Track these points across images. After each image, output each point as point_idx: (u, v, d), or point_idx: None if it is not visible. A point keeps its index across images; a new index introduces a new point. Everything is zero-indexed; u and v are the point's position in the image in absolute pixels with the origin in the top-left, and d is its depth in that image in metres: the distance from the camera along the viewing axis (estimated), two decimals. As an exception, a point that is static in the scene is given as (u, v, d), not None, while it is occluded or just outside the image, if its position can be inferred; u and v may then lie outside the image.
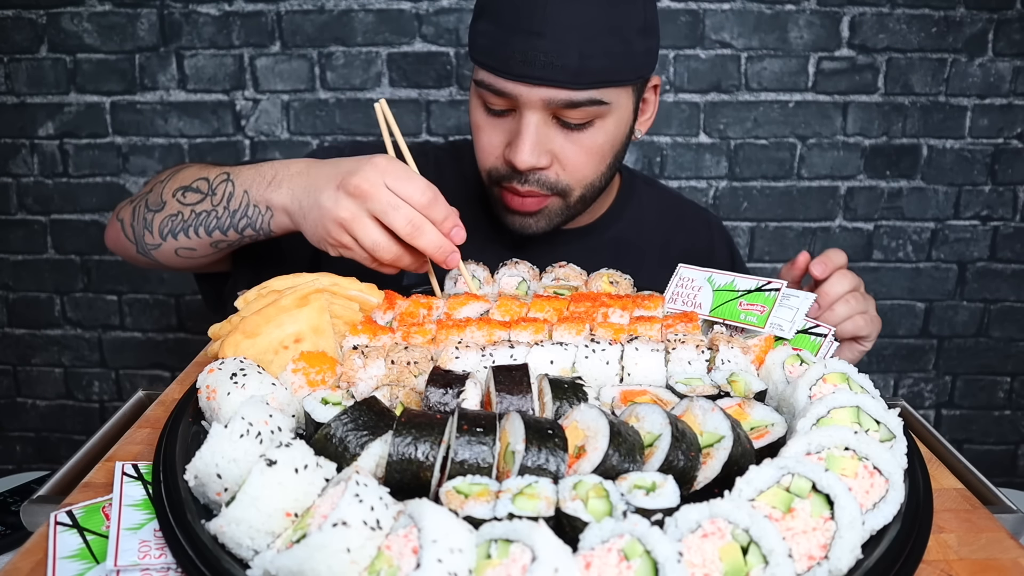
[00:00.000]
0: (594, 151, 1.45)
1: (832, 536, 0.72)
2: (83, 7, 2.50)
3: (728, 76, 2.55)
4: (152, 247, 1.43)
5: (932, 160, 2.62)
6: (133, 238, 1.45)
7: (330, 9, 2.50)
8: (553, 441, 0.79)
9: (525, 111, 1.37)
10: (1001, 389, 2.83)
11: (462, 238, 1.22)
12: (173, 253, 1.42)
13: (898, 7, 2.48)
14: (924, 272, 2.72)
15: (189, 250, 1.41)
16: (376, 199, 1.15)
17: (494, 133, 1.45)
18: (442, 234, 1.19)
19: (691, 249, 1.75)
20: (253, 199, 1.31)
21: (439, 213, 1.19)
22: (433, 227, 1.18)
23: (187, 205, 1.38)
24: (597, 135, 1.43)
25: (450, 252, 1.21)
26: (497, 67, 1.35)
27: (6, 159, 2.64)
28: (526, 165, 1.39)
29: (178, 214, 1.38)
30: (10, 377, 2.86)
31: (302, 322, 1.09)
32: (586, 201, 1.53)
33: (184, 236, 1.38)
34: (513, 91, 1.35)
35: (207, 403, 0.96)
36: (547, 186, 1.45)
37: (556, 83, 1.33)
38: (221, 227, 1.35)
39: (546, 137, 1.40)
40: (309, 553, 0.65)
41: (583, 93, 1.35)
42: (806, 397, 0.94)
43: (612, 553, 0.66)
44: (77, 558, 0.78)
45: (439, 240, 1.19)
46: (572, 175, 1.45)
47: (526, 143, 1.38)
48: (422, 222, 1.17)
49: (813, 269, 1.34)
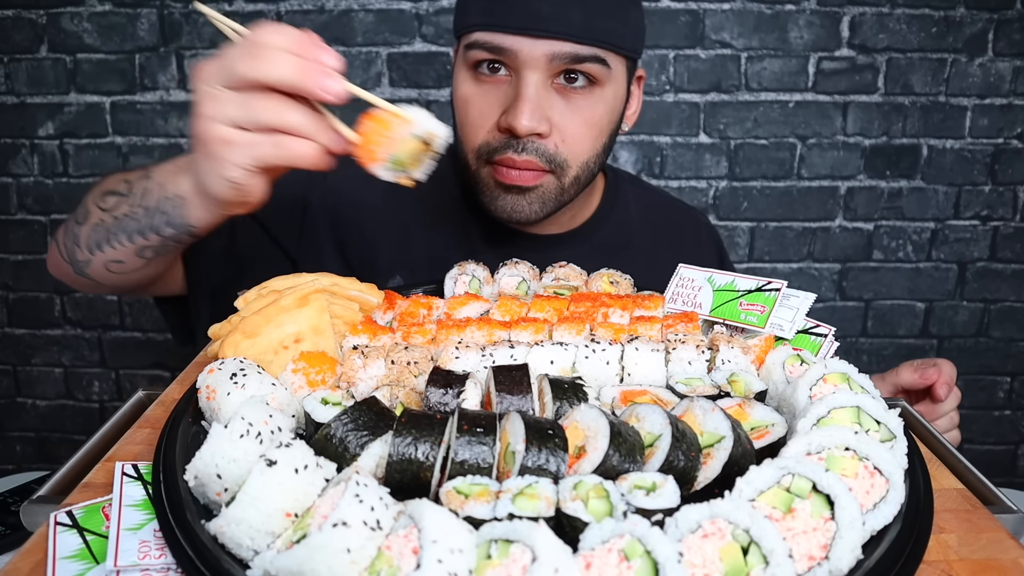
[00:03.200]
0: (593, 122, 1.40)
1: (832, 536, 0.72)
2: (83, 7, 2.50)
3: (728, 76, 2.55)
4: (84, 264, 1.26)
5: (932, 160, 2.62)
6: (68, 258, 1.29)
7: (330, 9, 2.50)
8: (553, 441, 0.79)
9: (524, 72, 1.32)
10: (1001, 389, 2.83)
11: (334, 62, 0.95)
12: (104, 268, 1.26)
13: (898, 7, 2.48)
14: (924, 272, 2.72)
15: (118, 263, 1.24)
16: (212, 66, 0.95)
17: (486, 103, 1.38)
18: (296, 56, 0.92)
19: (679, 249, 1.74)
20: (167, 191, 1.13)
21: (280, 38, 0.93)
22: (283, 52, 0.92)
23: (107, 211, 1.21)
24: (597, 105, 1.39)
25: (321, 76, 0.92)
26: (497, 22, 1.30)
27: (6, 159, 2.65)
28: (526, 129, 1.32)
29: (100, 222, 1.22)
30: (10, 377, 2.86)
31: (302, 322, 1.09)
32: (579, 184, 1.47)
33: (109, 247, 1.22)
34: (514, 46, 1.30)
35: (207, 403, 0.96)
36: (545, 157, 1.38)
37: (561, 35, 1.28)
38: (141, 230, 1.18)
39: (547, 102, 1.35)
40: (309, 553, 0.65)
41: (588, 48, 1.31)
42: (806, 397, 0.94)
43: (612, 553, 0.66)
44: (77, 558, 0.78)
45: (294, 63, 0.92)
46: (570, 147, 1.40)
47: (527, 105, 1.31)
48: (261, 48, 0.92)
49: (940, 391, 1.36)
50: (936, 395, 1.37)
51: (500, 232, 1.59)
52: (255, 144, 0.95)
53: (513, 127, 1.33)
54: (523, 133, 1.34)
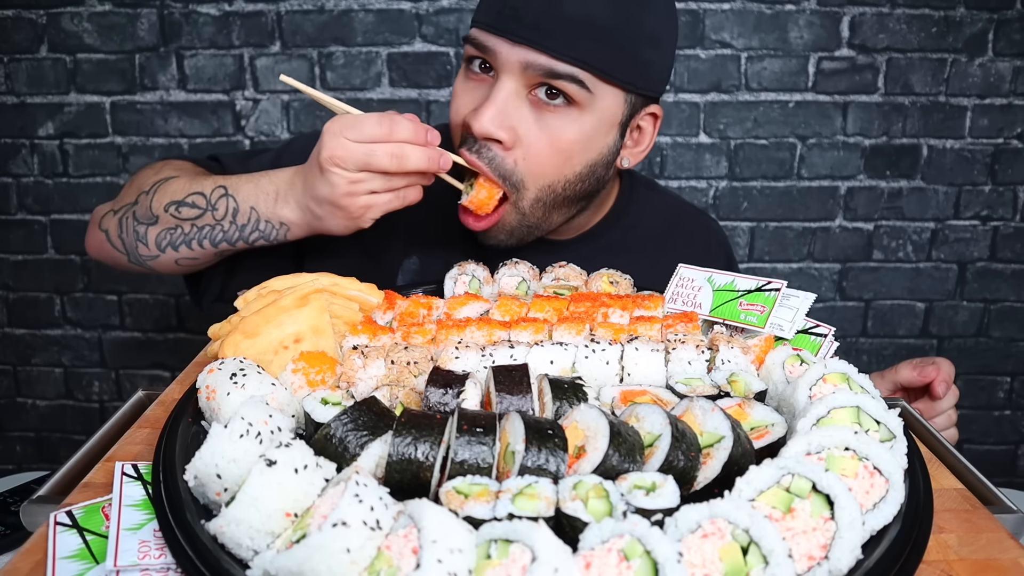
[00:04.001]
0: (560, 144, 1.33)
1: (832, 536, 0.72)
2: (83, 7, 2.50)
3: (728, 76, 2.55)
4: (148, 258, 1.46)
5: (932, 160, 2.62)
6: (124, 249, 1.47)
7: (330, 9, 2.50)
8: (553, 441, 0.79)
9: (501, 75, 1.31)
10: (1001, 389, 2.83)
11: (437, 138, 1.27)
12: (173, 263, 1.46)
13: (898, 7, 2.48)
14: (924, 272, 2.72)
15: (191, 259, 1.44)
16: (352, 155, 1.22)
17: (465, 98, 1.37)
18: (422, 146, 1.24)
19: (688, 254, 1.73)
20: (264, 216, 1.35)
21: (406, 132, 1.23)
22: (413, 146, 1.23)
23: (186, 220, 1.40)
24: (568, 126, 1.33)
25: (439, 157, 1.26)
26: (485, 21, 1.31)
27: (6, 159, 2.65)
28: (483, 131, 1.29)
29: (176, 228, 1.41)
30: (10, 377, 2.86)
31: (302, 322, 1.09)
32: (544, 208, 1.40)
33: (186, 248, 1.42)
34: (494, 47, 1.29)
35: (207, 403, 0.96)
36: (500, 171, 1.33)
37: (539, 46, 1.26)
38: (229, 239, 1.39)
39: (515, 110, 1.31)
40: (309, 553, 0.65)
41: (565, 66, 1.27)
42: (806, 397, 0.94)
43: (612, 553, 0.66)
44: (77, 558, 0.78)
45: (424, 154, 1.25)
46: (530, 167, 1.34)
47: (490, 107, 1.29)
48: (400, 149, 1.23)
49: (938, 388, 1.37)
50: (935, 392, 1.37)
51: None
52: (388, 202, 1.28)
53: (471, 125, 1.31)
54: (478, 134, 1.31)
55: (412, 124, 1.24)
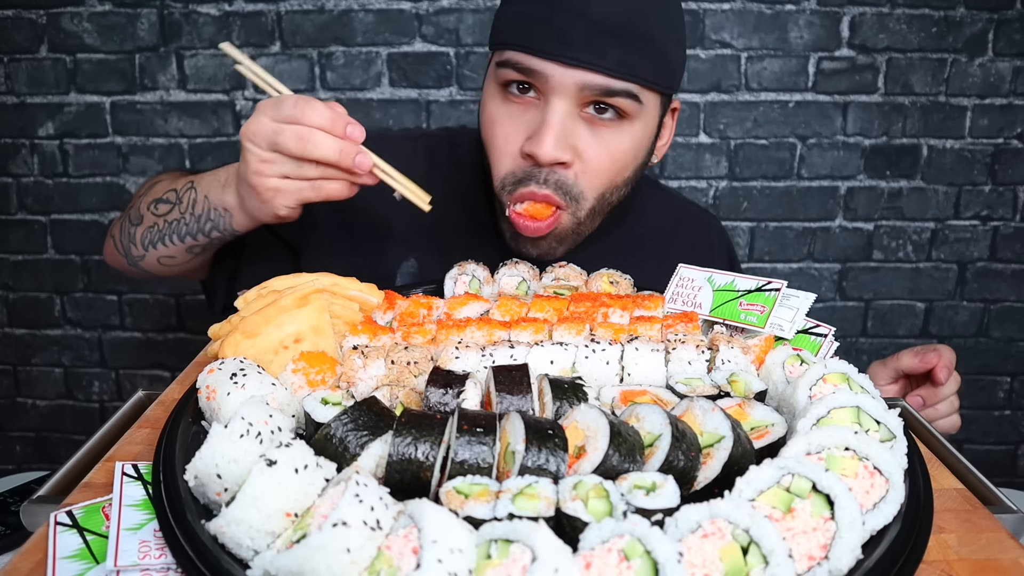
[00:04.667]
0: (617, 156, 1.36)
1: (832, 536, 0.72)
2: (83, 7, 2.50)
3: (728, 76, 2.55)
4: (139, 258, 1.51)
5: (932, 160, 2.62)
6: (123, 252, 1.53)
7: (330, 9, 2.50)
8: (553, 441, 0.79)
9: (552, 98, 1.29)
10: (1001, 389, 2.83)
11: (358, 133, 1.20)
12: (156, 262, 1.50)
13: (898, 7, 2.48)
14: (924, 272, 2.72)
15: (169, 258, 1.48)
16: (262, 131, 1.19)
17: (512, 126, 1.35)
18: (335, 137, 1.18)
19: (691, 253, 1.74)
20: (213, 203, 1.36)
21: (319, 118, 1.17)
22: (323, 134, 1.17)
23: (160, 216, 1.44)
24: (623, 138, 1.35)
25: (354, 153, 1.19)
26: (530, 44, 1.27)
27: (6, 159, 2.65)
28: (549, 157, 1.30)
29: (154, 225, 1.45)
30: (10, 377, 2.86)
31: (302, 322, 1.09)
32: (595, 217, 1.44)
33: (162, 245, 1.45)
34: (545, 71, 1.27)
35: (207, 403, 0.96)
36: (563, 189, 1.35)
37: (594, 67, 1.26)
38: (191, 232, 1.41)
39: (572, 130, 1.32)
40: (309, 553, 0.65)
41: (620, 83, 1.28)
42: (806, 397, 0.94)
43: (612, 553, 0.66)
44: (77, 558, 0.78)
45: (334, 145, 1.18)
46: (589, 180, 1.37)
47: (552, 132, 1.29)
48: (308, 133, 1.17)
49: (939, 374, 1.37)
50: (936, 378, 1.38)
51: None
52: (300, 190, 1.23)
53: (536, 155, 1.31)
54: (545, 161, 1.31)
55: (329, 112, 1.18)
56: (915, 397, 1.40)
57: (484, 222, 1.62)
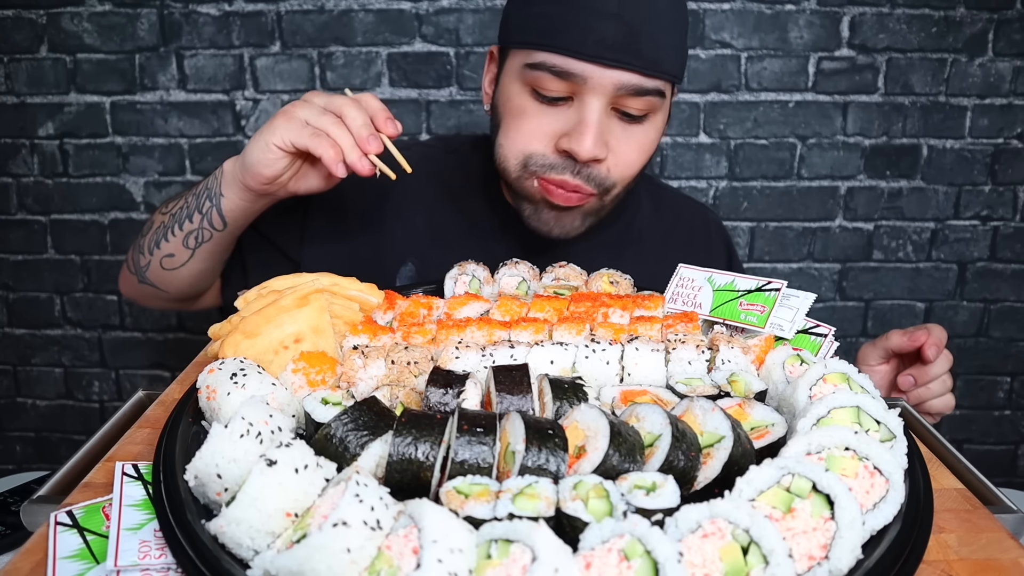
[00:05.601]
0: (644, 147, 1.43)
1: (832, 536, 0.72)
2: (83, 7, 2.50)
3: (728, 76, 2.55)
4: (145, 268, 1.48)
5: (932, 160, 2.62)
6: (133, 269, 1.51)
7: (330, 9, 2.49)
8: (553, 441, 0.79)
9: (588, 97, 1.33)
10: (1001, 389, 2.83)
11: (391, 129, 1.27)
12: (159, 266, 1.47)
13: (898, 7, 2.48)
14: (924, 272, 2.72)
15: (169, 257, 1.45)
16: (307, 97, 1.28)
17: (545, 120, 1.38)
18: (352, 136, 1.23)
19: (689, 247, 1.75)
20: (213, 175, 1.38)
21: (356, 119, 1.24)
22: (358, 110, 1.24)
23: (166, 213, 1.46)
24: (649, 130, 1.41)
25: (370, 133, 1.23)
26: (569, 47, 1.30)
27: (6, 159, 2.64)
28: (590, 155, 1.34)
29: (161, 225, 1.46)
30: (10, 377, 2.86)
31: (302, 322, 1.09)
32: (616, 202, 1.50)
33: (164, 241, 1.44)
34: (583, 72, 1.31)
35: (207, 403, 0.96)
36: (596, 181, 1.40)
37: (631, 67, 1.30)
38: (189, 214, 1.40)
39: (606, 127, 1.36)
40: (309, 553, 0.65)
41: (652, 81, 1.33)
42: (806, 397, 0.94)
43: (612, 553, 0.66)
44: (77, 558, 0.78)
45: (361, 116, 1.24)
46: (620, 171, 1.42)
47: (591, 132, 1.33)
48: (344, 101, 1.25)
49: (928, 352, 1.36)
50: (925, 356, 1.36)
51: (512, 220, 1.61)
52: (301, 127, 1.24)
53: (577, 153, 1.34)
54: (585, 159, 1.35)
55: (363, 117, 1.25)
56: (906, 377, 1.38)
57: (482, 225, 1.62)
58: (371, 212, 1.62)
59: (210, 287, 1.61)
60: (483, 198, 1.64)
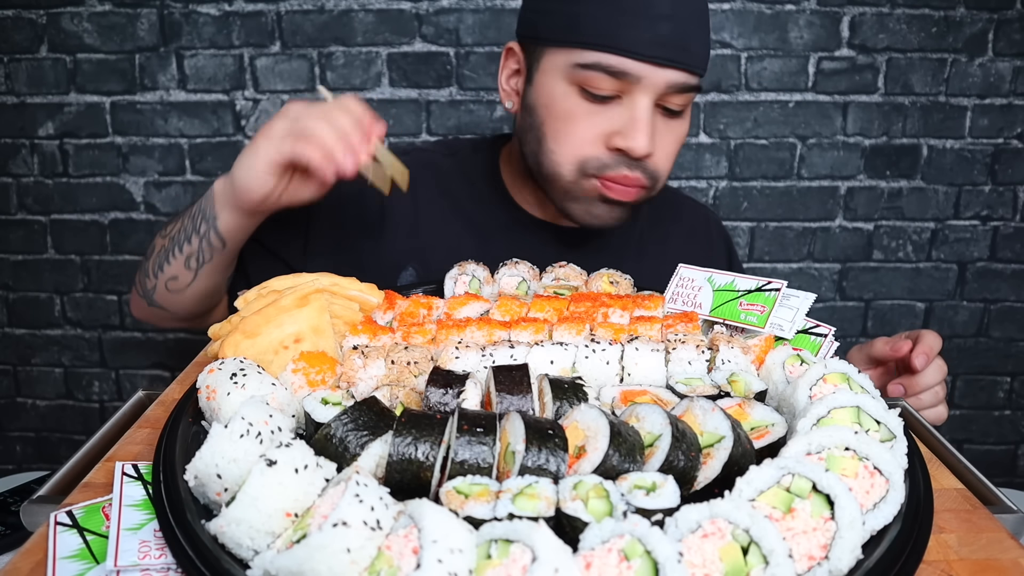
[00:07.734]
0: (680, 140, 1.47)
1: (832, 536, 0.72)
2: (83, 7, 2.50)
3: (728, 76, 2.55)
4: (152, 291, 1.48)
5: (932, 160, 2.62)
6: (141, 293, 1.51)
7: (330, 9, 2.49)
8: (553, 441, 0.79)
9: (639, 96, 1.35)
10: (1001, 389, 2.83)
11: (378, 129, 1.26)
12: (165, 289, 1.47)
13: (898, 7, 2.48)
14: (924, 272, 2.72)
15: (173, 279, 1.45)
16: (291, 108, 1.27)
17: (596, 121, 1.39)
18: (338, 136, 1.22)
19: (689, 247, 1.75)
20: (206, 195, 1.39)
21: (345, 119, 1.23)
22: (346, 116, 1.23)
23: (166, 236, 1.46)
24: (684, 124, 1.47)
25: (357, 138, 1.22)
26: (627, 47, 1.32)
27: (6, 159, 2.64)
28: (645, 152, 1.37)
29: (162, 248, 1.46)
30: (10, 377, 2.86)
31: (302, 322, 1.09)
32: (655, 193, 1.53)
33: (167, 263, 1.44)
34: (638, 72, 1.32)
35: (207, 403, 0.96)
36: (648, 173, 1.43)
37: (682, 66, 1.34)
38: (188, 236, 1.40)
39: (654, 123, 1.39)
40: (309, 553, 0.65)
41: (695, 78, 1.38)
42: (806, 397, 0.94)
43: (612, 553, 0.66)
44: (77, 558, 0.78)
45: (349, 120, 1.23)
46: (664, 164, 1.46)
47: (645, 128, 1.36)
48: (331, 108, 1.24)
49: (916, 361, 1.31)
50: (912, 366, 1.31)
51: (516, 221, 1.62)
52: (287, 135, 1.24)
53: (632, 151, 1.37)
54: (640, 155, 1.38)
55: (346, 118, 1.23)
56: (896, 386, 1.34)
57: (485, 228, 1.62)
58: (372, 220, 1.61)
59: (219, 303, 1.61)
60: (485, 201, 1.64)
